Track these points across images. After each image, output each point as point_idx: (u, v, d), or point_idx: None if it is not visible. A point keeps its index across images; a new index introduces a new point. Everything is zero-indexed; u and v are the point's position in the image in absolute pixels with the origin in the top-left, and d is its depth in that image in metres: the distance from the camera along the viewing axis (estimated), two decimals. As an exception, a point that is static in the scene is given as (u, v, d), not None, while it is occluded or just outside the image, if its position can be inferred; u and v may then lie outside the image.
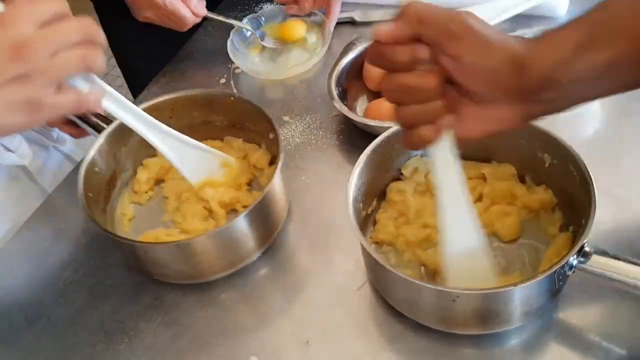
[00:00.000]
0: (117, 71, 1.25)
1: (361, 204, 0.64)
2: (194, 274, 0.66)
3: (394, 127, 0.65)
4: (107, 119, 0.74)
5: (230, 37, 0.92)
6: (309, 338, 0.61)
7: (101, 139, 0.72)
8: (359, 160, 0.63)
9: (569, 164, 0.60)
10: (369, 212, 0.68)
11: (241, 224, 0.63)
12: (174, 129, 0.68)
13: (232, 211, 0.72)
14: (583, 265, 0.54)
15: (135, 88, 1.20)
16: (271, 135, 0.71)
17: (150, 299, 0.67)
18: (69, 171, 0.83)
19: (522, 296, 0.54)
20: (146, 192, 0.76)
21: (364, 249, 0.58)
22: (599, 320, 0.59)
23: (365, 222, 0.67)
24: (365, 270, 0.65)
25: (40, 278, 0.71)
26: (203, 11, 0.90)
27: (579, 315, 0.59)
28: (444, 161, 0.52)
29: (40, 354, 0.64)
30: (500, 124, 0.48)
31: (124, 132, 0.72)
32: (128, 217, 0.74)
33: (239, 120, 0.76)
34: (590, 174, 0.58)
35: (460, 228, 0.54)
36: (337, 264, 0.67)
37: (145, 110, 0.67)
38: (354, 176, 0.62)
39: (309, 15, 0.95)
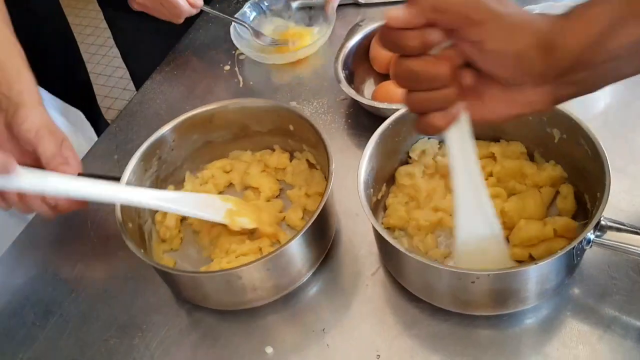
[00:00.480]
0: (119, 62, 1.24)
1: (372, 190, 0.63)
2: (242, 302, 0.62)
3: (401, 110, 0.63)
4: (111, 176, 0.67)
5: (233, 24, 0.91)
6: (324, 326, 0.60)
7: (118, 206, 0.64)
8: (367, 146, 0.61)
9: (580, 138, 0.59)
10: (379, 197, 0.66)
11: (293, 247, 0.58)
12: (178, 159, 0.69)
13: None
14: (600, 240, 0.53)
15: (139, 80, 1.19)
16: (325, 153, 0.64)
17: (163, 290, 0.66)
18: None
19: (541, 274, 0.53)
20: (176, 237, 0.71)
21: (377, 234, 0.57)
22: (615, 294, 0.57)
23: (376, 207, 0.66)
24: (377, 255, 0.64)
25: (51, 274, 0.70)
26: (199, 2, 0.88)
27: (595, 290, 0.58)
28: (459, 146, 0.49)
29: (54, 351, 0.63)
30: (526, 108, 0.45)
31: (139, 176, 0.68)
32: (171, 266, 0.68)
33: (244, 127, 0.72)
34: (602, 146, 0.56)
35: (474, 212, 0.53)
36: (349, 249, 0.66)
37: (146, 152, 0.67)
38: (364, 161, 0.60)
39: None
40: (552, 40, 0.41)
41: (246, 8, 0.94)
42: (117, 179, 0.65)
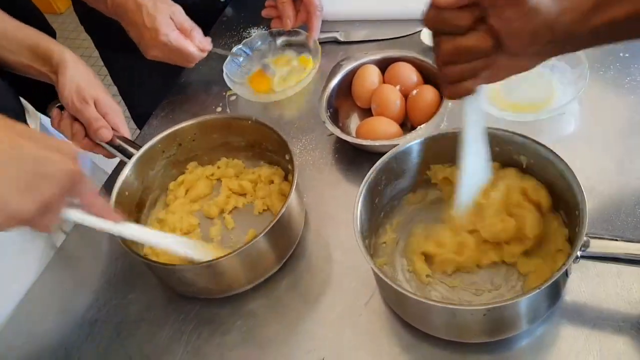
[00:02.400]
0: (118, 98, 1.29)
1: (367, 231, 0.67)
2: (221, 290, 0.71)
3: (382, 158, 0.68)
4: (136, 144, 0.81)
5: (224, 69, 0.95)
6: (324, 355, 0.65)
7: (130, 164, 0.77)
8: (357, 195, 0.65)
9: (546, 163, 0.64)
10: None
11: (261, 244, 0.68)
12: (198, 150, 0.82)
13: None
14: (585, 254, 0.58)
15: (137, 116, 1.24)
16: (287, 157, 0.75)
17: (173, 331, 0.71)
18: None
19: (536, 299, 0.57)
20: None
21: (377, 275, 0.61)
22: (605, 292, 0.62)
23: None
24: (370, 284, 0.68)
25: (66, 321, 0.75)
26: (209, 46, 0.91)
27: (586, 292, 0.63)
28: (475, 108, 0.58)
29: (75, 393, 0.68)
30: (520, 70, 0.54)
31: (151, 157, 0.80)
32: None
33: (257, 141, 0.81)
34: (570, 167, 0.61)
35: (476, 162, 0.61)
36: (343, 279, 0.70)
37: (170, 135, 0.80)
38: (357, 208, 0.64)
39: (291, 33, 0.98)
40: (554, 19, 0.49)
41: (235, 50, 0.99)
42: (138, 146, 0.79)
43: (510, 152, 0.67)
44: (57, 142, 0.53)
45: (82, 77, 0.81)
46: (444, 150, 0.68)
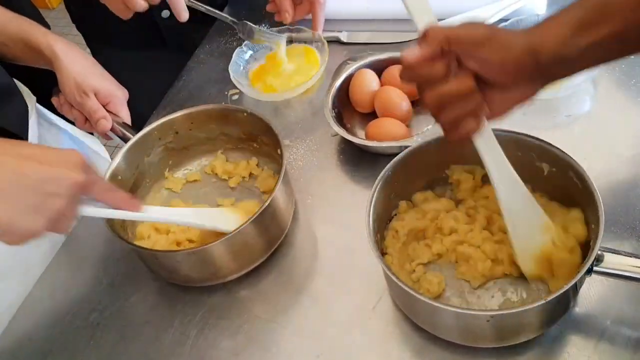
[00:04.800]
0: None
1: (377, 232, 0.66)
2: (207, 277, 0.71)
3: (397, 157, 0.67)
4: (133, 129, 0.82)
5: (230, 71, 0.94)
6: (332, 360, 0.64)
7: (125, 148, 0.78)
8: (371, 194, 0.64)
9: (568, 171, 0.64)
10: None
11: (249, 229, 0.68)
12: (194, 138, 0.82)
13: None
14: (598, 268, 0.57)
15: (136, 116, 1.22)
16: (278, 151, 0.75)
17: (178, 334, 0.70)
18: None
19: (545, 309, 0.57)
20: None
21: (388, 277, 0.61)
22: (617, 307, 0.62)
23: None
24: (378, 287, 0.68)
25: (68, 323, 0.74)
26: None
27: (596, 305, 0.62)
28: (489, 146, 0.59)
29: (78, 398, 0.67)
30: (521, 101, 0.55)
31: (147, 142, 0.80)
32: (150, 224, 0.77)
33: (252, 134, 0.81)
34: (592, 180, 0.61)
35: (517, 202, 0.61)
36: (351, 282, 0.70)
37: (166, 122, 0.80)
38: (370, 209, 0.63)
39: (294, 30, 0.97)
40: (536, 43, 0.51)
41: (243, 46, 0.97)
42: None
43: (532, 159, 0.67)
44: (59, 155, 0.54)
45: (79, 69, 0.81)
46: (464, 149, 0.66)
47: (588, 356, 0.59)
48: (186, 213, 0.73)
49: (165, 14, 1.03)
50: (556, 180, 0.66)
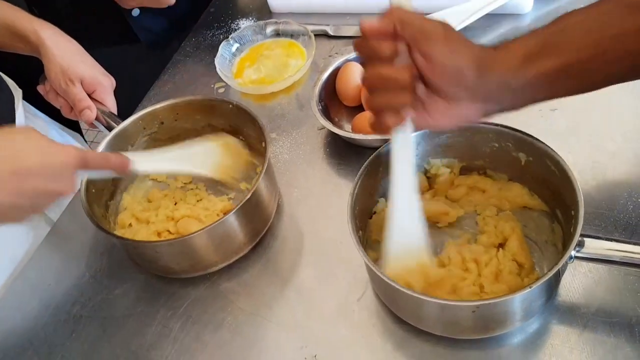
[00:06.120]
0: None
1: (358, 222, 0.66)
2: (192, 267, 0.70)
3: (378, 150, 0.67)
4: (118, 118, 0.81)
5: (216, 64, 0.93)
6: (315, 352, 0.64)
7: (109, 137, 0.77)
8: (352, 188, 0.64)
9: (545, 159, 0.64)
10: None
11: (231, 220, 0.68)
12: (180, 129, 0.81)
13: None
14: (580, 254, 0.57)
15: (123, 109, 1.21)
16: (263, 144, 0.74)
17: (161, 327, 0.69)
18: (70, 198, 0.85)
19: (527, 297, 0.57)
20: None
21: (369, 269, 0.60)
22: (597, 294, 0.62)
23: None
24: (362, 280, 0.67)
25: (50, 315, 0.73)
26: None
27: (579, 296, 0.62)
28: (402, 148, 0.59)
29: (59, 391, 0.66)
30: (462, 119, 0.55)
31: (132, 132, 0.79)
32: (131, 212, 0.77)
33: (237, 126, 0.80)
34: (568, 166, 0.61)
35: (406, 212, 0.60)
36: (335, 275, 0.70)
37: (151, 112, 0.79)
38: (351, 202, 0.63)
39: (280, 23, 0.96)
40: (485, 63, 0.51)
41: (230, 39, 0.97)
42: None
43: (509, 149, 0.67)
44: (56, 163, 0.56)
45: (65, 56, 0.80)
46: (444, 143, 0.68)
47: (571, 347, 0.60)
48: (171, 158, 0.72)
49: (135, 12, 1.02)
50: (534, 169, 0.66)
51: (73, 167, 0.58)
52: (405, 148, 0.59)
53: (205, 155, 0.74)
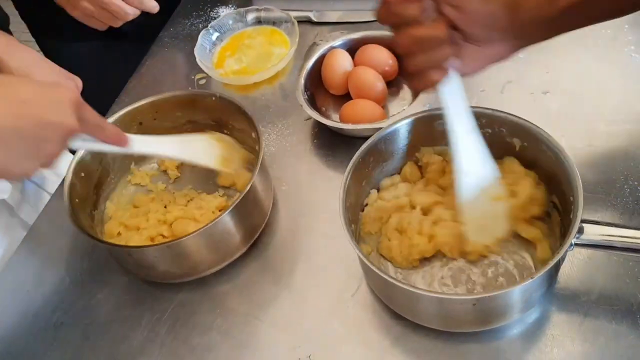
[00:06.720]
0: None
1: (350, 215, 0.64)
2: (185, 272, 0.67)
3: (367, 142, 0.65)
4: None
5: (196, 54, 0.90)
6: (310, 352, 0.62)
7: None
8: (343, 179, 0.62)
9: (540, 144, 0.62)
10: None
11: (226, 221, 0.65)
12: (160, 128, 0.75)
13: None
14: (579, 241, 0.56)
15: (97, 106, 1.16)
16: (253, 135, 0.71)
17: (147, 332, 0.66)
18: (47, 201, 0.81)
19: (528, 288, 0.55)
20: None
21: (364, 264, 0.58)
22: (597, 281, 0.61)
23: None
24: (356, 275, 0.65)
25: (29, 323, 0.69)
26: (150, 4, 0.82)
27: (577, 280, 0.61)
28: (454, 97, 0.57)
29: (41, 403, 0.63)
30: (494, 59, 0.55)
31: None
32: (118, 221, 0.73)
33: (222, 120, 0.77)
34: (565, 150, 0.59)
35: (472, 155, 0.59)
36: (329, 271, 0.67)
37: (128, 113, 0.75)
38: (342, 194, 0.61)
39: (262, 10, 0.93)
40: (515, 1, 0.50)
41: (210, 28, 0.93)
42: None
43: (503, 135, 0.65)
44: (54, 95, 0.54)
45: (21, 67, 0.74)
46: (434, 130, 0.66)
47: (572, 337, 0.58)
48: (170, 142, 0.69)
49: None
50: (529, 155, 0.64)
51: (70, 101, 0.54)
52: (456, 96, 0.57)
53: (205, 146, 0.71)
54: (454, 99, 0.57)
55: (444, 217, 0.64)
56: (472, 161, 0.59)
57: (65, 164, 0.72)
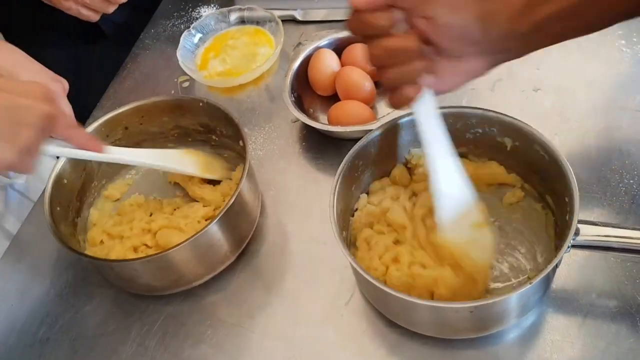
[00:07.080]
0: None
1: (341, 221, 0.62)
2: (171, 284, 0.65)
3: (356, 145, 0.63)
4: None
5: (178, 56, 0.87)
6: (305, 362, 0.60)
7: None
8: (333, 186, 0.60)
9: (533, 144, 0.61)
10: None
11: (213, 231, 0.63)
12: (145, 133, 0.75)
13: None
14: (576, 242, 0.55)
15: (82, 109, 1.14)
16: (241, 143, 0.69)
17: (136, 345, 0.64)
18: (30, 210, 0.79)
19: (526, 294, 0.54)
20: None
21: (356, 272, 0.56)
22: (595, 283, 0.60)
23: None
24: (350, 281, 0.64)
25: (15, 339, 0.67)
26: None
27: (574, 283, 0.60)
28: (427, 117, 0.56)
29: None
30: (469, 76, 0.53)
31: None
32: (101, 228, 0.71)
33: (209, 126, 0.75)
34: (558, 150, 0.58)
35: (449, 179, 0.57)
36: (321, 278, 0.66)
37: (114, 117, 0.73)
38: (333, 201, 0.59)
39: (245, 9, 0.91)
40: (488, 14, 0.48)
41: (192, 29, 0.91)
42: None
43: (494, 134, 0.64)
44: (29, 87, 0.54)
45: (4, 68, 0.70)
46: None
47: (572, 341, 0.57)
48: (149, 154, 0.69)
49: None
50: (521, 155, 0.63)
51: (43, 91, 0.54)
52: (430, 115, 0.56)
53: (185, 156, 0.71)
54: (429, 120, 0.56)
55: (402, 260, 0.61)
56: (449, 185, 0.57)
57: (49, 170, 0.69)
